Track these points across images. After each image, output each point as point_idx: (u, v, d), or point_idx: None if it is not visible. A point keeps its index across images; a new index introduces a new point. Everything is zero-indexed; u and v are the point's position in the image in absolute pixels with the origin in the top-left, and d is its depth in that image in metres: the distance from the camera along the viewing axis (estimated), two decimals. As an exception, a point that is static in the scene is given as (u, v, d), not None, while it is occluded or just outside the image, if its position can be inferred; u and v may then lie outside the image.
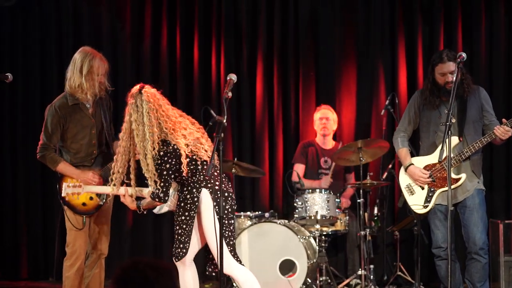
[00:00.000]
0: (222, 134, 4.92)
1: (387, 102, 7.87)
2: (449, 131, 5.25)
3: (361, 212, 7.35)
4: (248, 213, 7.60)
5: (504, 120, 5.88)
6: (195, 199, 5.18)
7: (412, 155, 6.28)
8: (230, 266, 5.15)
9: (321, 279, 7.32)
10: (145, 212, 5.44)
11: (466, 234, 6.06)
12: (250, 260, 7.14)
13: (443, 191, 6.01)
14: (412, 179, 6.14)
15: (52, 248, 8.83)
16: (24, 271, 9.13)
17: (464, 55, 5.49)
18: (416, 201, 6.13)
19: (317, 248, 7.28)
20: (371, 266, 7.48)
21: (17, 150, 9.20)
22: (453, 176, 5.96)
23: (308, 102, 8.77)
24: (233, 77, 5.11)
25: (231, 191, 5.31)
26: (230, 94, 5.04)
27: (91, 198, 5.97)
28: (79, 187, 5.64)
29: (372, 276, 7.45)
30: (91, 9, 9.13)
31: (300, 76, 8.84)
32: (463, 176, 5.98)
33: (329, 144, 8.30)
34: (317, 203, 7.35)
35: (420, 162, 6.09)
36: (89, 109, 6.04)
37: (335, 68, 8.80)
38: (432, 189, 6.01)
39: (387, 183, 7.90)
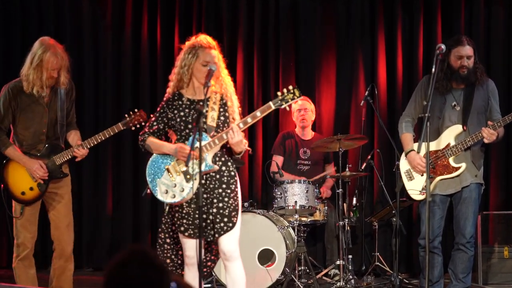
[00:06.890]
0: (203, 123, 4.93)
1: (366, 93, 7.86)
2: (427, 123, 5.16)
3: (340, 202, 7.36)
4: (227, 202, 7.56)
5: (490, 122, 5.89)
6: None
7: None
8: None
9: (299, 268, 7.33)
10: None
11: (456, 225, 6.08)
12: (229, 250, 7.14)
13: (442, 179, 6.03)
14: (411, 165, 6.16)
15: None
16: (3, 260, 9.09)
17: (443, 46, 5.43)
18: (414, 186, 6.11)
19: (295, 238, 7.28)
20: (350, 256, 7.48)
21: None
22: (454, 164, 5.97)
23: (288, 93, 8.76)
24: (212, 67, 5.10)
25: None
26: (210, 84, 5.03)
27: (31, 189, 5.84)
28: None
29: (350, 266, 7.45)
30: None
31: (280, 66, 8.84)
32: (463, 165, 5.97)
33: (309, 135, 8.31)
34: (296, 193, 7.35)
35: (421, 148, 5.83)
36: (44, 97, 5.82)
37: (315, 59, 8.82)
38: (431, 176, 5.91)
39: (366, 174, 7.93)
